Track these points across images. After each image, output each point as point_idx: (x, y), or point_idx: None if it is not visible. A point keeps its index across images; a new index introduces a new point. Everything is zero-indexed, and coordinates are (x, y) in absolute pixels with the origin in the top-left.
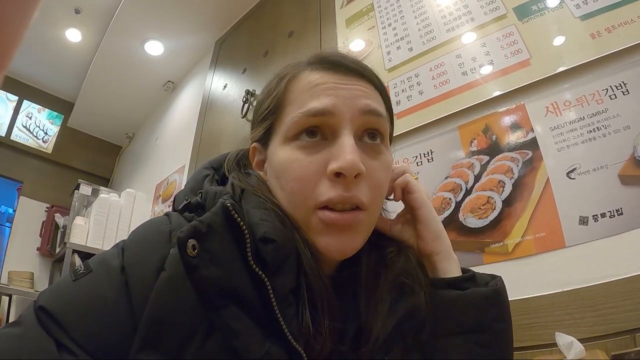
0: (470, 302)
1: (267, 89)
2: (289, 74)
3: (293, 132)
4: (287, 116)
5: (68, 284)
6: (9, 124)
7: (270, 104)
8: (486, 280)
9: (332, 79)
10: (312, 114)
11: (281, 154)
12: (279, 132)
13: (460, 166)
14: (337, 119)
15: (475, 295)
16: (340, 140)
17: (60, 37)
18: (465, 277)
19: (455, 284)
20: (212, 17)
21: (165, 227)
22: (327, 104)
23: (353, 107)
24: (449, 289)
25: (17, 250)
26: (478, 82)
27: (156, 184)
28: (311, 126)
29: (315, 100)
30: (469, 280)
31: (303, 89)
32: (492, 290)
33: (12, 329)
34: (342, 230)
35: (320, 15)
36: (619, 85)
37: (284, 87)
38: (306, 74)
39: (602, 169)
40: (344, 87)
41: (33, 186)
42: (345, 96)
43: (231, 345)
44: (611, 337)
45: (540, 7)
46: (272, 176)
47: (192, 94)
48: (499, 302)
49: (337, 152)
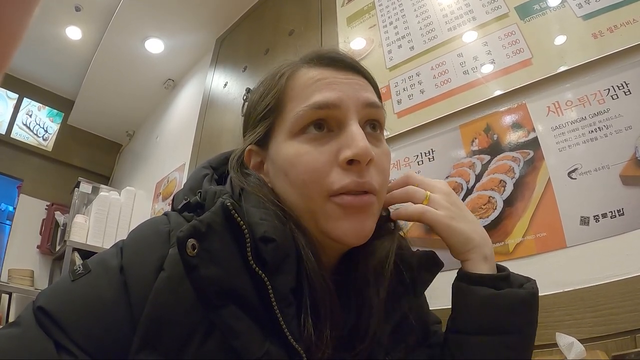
0: (505, 303)
1: (261, 89)
2: (286, 72)
3: (299, 126)
4: (290, 112)
5: (67, 284)
6: (9, 122)
7: (269, 102)
8: (521, 282)
9: (332, 74)
10: (318, 107)
11: (288, 149)
12: (281, 129)
13: (462, 165)
14: (342, 111)
15: (512, 297)
16: (349, 130)
17: (60, 34)
18: (500, 277)
19: (488, 281)
20: (212, 15)
21: (164, 226)
22: (332, 97)
23: (356, 100)
24: (481, 285)
25: (17, 248)
26: (479, 81)
27: (156, 182)
28: (318, 119)
29: (318, 93)
30: (504, 279)
31: (304, 84)
32: (529, 294)
33: (11, 329)
34: (359, 212)
35: (321, 13)
36: (620, 86)
37: (284, 84)
38: (305, 71)
39: (603, 169)
40: (345, 81)
41: (33, 184)
42: (347, 90)
43: (231, 345)
44: (612, 338)
45: (542, 6)
46: (277, 174)
47: (192, 92)
48: (533, 306)
49: (348, 140)
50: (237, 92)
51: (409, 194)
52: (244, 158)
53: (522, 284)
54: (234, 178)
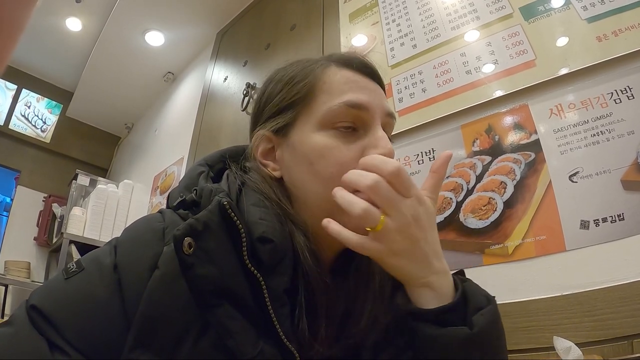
0: (451, 343)
1: (286, 79)
2: (317, 66)
3: (331, 121)
4: (321, 104)
5: (60, 282)
6: (7, 113)
7: (298, 91)
8: (479, 305)
9: (361, 78)
10: (352, 105)
11: (317, 140)
12: (308, 119)
13: (462, 166)
14: (370, 114)
15: (455, 337)
16: (376, 132)
17: (60, 26)
18: (444, 309)
19: (431, 317)
20: (213, 9)
21: (158, 224)
22: (364, 99)
23: (381, 107)
24: (424, 322)
25: (14, 239)
26: (482, 81)
27: (154, 175)
28: (351, 117)
29: (352, 93)
30: (449, 312)
31: (338, 81)
32: (476, 334)
33: (4, 328)
34: None
35: (323, 9)
36: (624, 90)
37: (317, 77)
38: (336, 69)
39: (604, 174)
40: (372, 88)
41: (31, 176)
42: (374, 97)
43: (225, 344)
44: (609, 343)
45: (546, 7)
46: (298, 162)
47: (192, 85)
48: (484, 343)
49: (375, 142)
50: (237, 87)
51: (361, 217)
52: (253, 143)
53: (479, 308)
54: (232, 174)
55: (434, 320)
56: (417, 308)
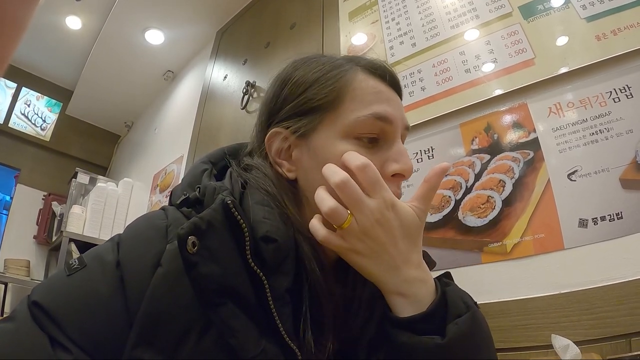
0: (417, 351)
1: (313, 78)
2: (347, 70)
3: (357, 130)
4: (348, 112)
5: (62, 279)
6: (7, 111)
7: (327, 94)
8: (458, 313)
9: (386, 89)
10: (379, 117)
11: (342, 149)
12: (334, 125)
13: (461, 164)
14: (393, 128)
15: (424, 346)
16: (398, 146)
17: (60, 24)
18: (415, 318)
19: (404, 325)
20: (213, 7)
21: (161, 222)
22: (390, 112)
23: (402, 121)
24: (398, 329)
25: (14, 237)
26: (481, 80)
27: (154, 173)
28: (377, 129)
29: (378, 105)
30: (421, 321)
31: (366, 90)
32: (445, 344)
33: (6, 324)
34: None
35: (323, 7)
36: (623, 89)
37: (346, 81)
38: (363, 77)
39: (603, 172)
40: (394, 99)
41: (31, 174)
42: (396, 109)
43: (227, 342)
44: (607, 341)
45: (546, 6)
46: (318, 167)
47: (192, 84)
48: (456, 353)
49: (396, 156)
50: (237, 85)
51: (328, 215)
52: (266, 140)
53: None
54: (235, 171)
55: (407, 327)
56: (392, 315)
